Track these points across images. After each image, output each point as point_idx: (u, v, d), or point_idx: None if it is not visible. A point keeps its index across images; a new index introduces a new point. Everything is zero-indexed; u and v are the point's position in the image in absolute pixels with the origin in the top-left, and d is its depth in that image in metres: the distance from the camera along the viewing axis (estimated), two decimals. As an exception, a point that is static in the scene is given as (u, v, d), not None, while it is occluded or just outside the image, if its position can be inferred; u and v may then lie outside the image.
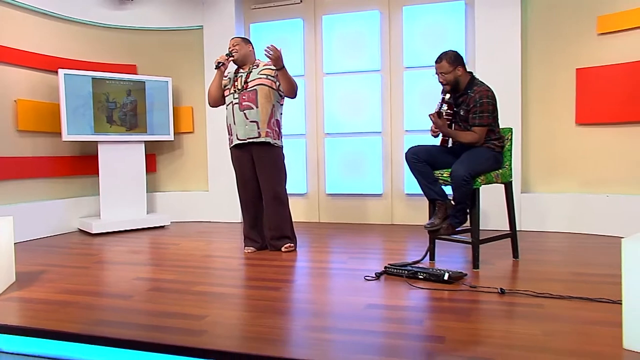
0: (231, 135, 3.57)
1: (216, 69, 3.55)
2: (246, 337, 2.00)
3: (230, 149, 3.62)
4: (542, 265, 3.05)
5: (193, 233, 4.62)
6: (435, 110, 3.08)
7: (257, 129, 3.46)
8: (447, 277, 2.61)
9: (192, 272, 3.10)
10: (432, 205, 3.10)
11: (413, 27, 4.71)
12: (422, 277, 2.69)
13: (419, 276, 2.70)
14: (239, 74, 3.58)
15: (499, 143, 3.11)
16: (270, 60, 3.35)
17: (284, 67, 3.39)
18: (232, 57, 3.55)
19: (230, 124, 3.56)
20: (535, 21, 4.31)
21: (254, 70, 3.54)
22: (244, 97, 3.47)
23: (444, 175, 3.04)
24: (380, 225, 4.82)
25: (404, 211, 4.83)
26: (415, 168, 3.08)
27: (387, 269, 2.85)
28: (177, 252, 3.76)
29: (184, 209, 5.33)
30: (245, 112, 3.46)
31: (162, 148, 5.38)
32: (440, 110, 3.09)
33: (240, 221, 4.64)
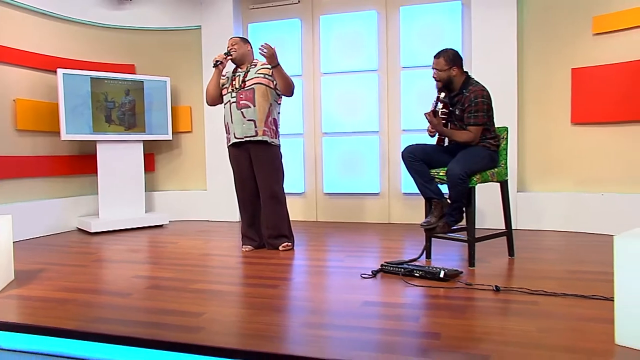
0: (229, 133, 3.58)
1: (214, 68, 3.57)
2: (244, 334, 2.02)
3: (228, 147, 3.63)
4: (537, 263, 3.07)
5: (191, 232, 4.63)
6: (431, 109, 3.11)
7: (255, 127, 3.47)
8: (443, 274, 2.63)
9: (190, 270, 3.12)
10: (429, 204, 3.13)
11: (410, 27, 4.73)
12: (418, 274, 2.71)
13: (415, 274, 2.72)
14: (237, 73, 3.60)
15: (494, 142, 3.13)
16: (265, 57, 3.38)
17: (278, 64, 3.41)
18: (230, 56, 3.57)
19: (227, 123, 3.58)
20: (531, 21, 4.34)
21: (252, 69, 3.56)
22: (241, 96, 3.49)
23: (440, 174, 3.06)
24: (378, 224, 4.84)
25: (400, 210, 4.85)
26: (411, 167, 3.11)
27: (384, 267, 2.87)
28: (175, 250, 3.77)
29: (182, 208, 5.34)
30: (242, 110, 3.48)
31: (161, 147, 5.39)
32: (436, 109, 3.12)
33: (238, 220, 4.66)
